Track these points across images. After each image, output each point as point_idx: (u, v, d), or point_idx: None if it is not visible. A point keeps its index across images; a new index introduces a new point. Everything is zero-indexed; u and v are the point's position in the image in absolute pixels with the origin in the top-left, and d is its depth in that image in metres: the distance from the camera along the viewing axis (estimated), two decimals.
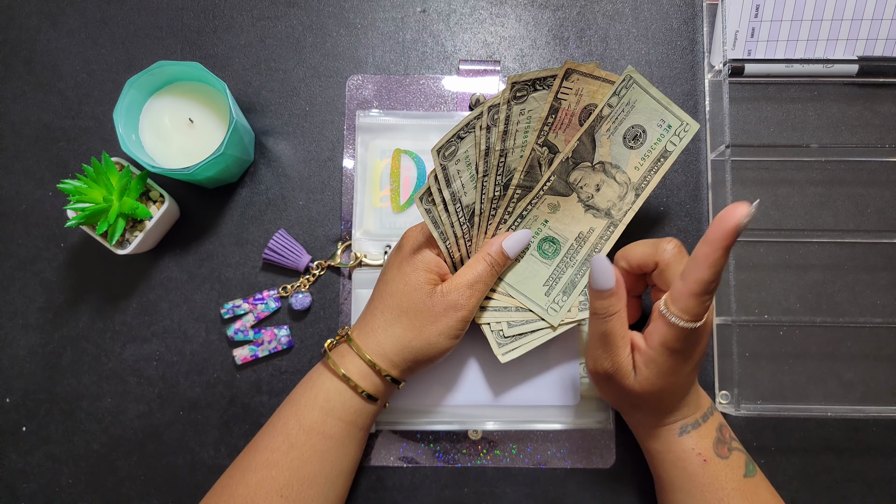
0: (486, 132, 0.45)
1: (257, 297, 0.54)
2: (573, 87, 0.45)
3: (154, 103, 0.51)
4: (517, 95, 0.45)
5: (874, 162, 0.55)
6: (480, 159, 0.45)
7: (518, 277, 0.49)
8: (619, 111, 0.47)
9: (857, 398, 0.53)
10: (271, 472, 0.43)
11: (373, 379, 0.45)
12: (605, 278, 0.41)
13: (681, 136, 0.47)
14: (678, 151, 0.47)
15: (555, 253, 0.49)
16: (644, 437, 0.47)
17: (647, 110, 0.47)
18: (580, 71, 0.45)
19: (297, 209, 0.55)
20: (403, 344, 0.45)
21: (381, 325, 0.45)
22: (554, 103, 0.46)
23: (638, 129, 0.47)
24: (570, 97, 0.46)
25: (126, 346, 0.54)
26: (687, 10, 0.57)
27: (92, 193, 0.48)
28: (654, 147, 0.47)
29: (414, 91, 0.56)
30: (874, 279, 0.54)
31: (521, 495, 0.52)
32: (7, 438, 0.53)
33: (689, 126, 0.47)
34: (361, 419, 0.46)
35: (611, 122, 0.47)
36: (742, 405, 0.51)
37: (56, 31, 0.57)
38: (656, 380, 0.41)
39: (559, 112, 0.46)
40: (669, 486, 0.45)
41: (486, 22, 0.58)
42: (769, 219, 0.55)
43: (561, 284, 0.49)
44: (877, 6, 0.54)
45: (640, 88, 0.46)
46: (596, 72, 0.45)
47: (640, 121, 0.47)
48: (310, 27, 0.57)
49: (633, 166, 0.48)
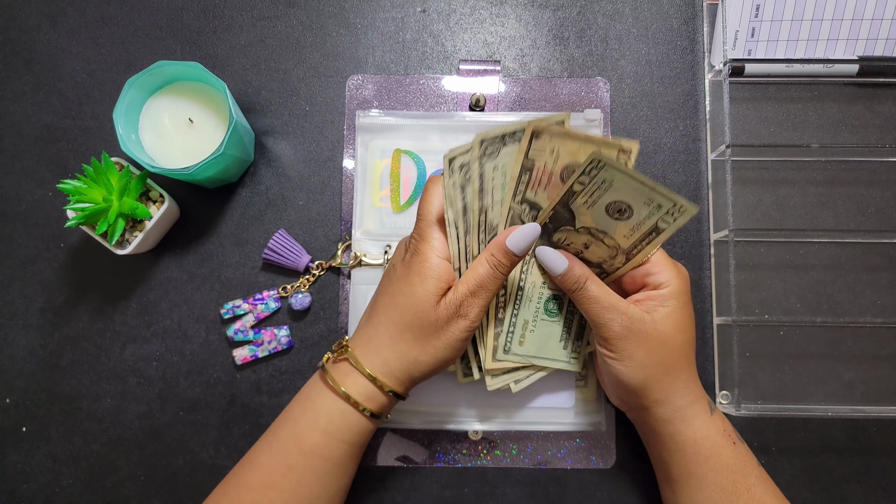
0: (462, 191, 0.41)
1: (257, 298, 0.54)
2: (546, 147, 0.41)
3: (154, 103, 0.51)
4: (487, 152, 0.41)
5: (874, 162, 0.55)
6: (459, 217, 0.42)
7: (537, 346, 0.47)
8: (594, 187, 0.40)
9: (857, 398, 0.53)
10: (268, 493, 0.42)
11: (377, 397, 0.43)
12: (558, 263, 0.44)
13: (675, 217, 0.40)
14: (674, 229, 0.41)
15: (559, 307, 0.47)
16: (661, 420, 0.44)
17: (627, 189, 0.39)
18: (550, 131, 0.40)
19: (297, 209, 0.55)
20: (410, 360, 0.43)
21: (386, 341, 0.43)
22: (525, 163, 0.41)
23: (622, 205, 0.40)
24: (545, 156, 0.41)
25: (126, 347, 0.54)
26: (687, 10, 0.57)
27: (92, 193, 0.48)
28: (644, 222, 0.41)
29: (414, 91, 0.56)
30: (874, 279, 0.54)
31: (521, 495, 0.52)
32: (7, 438, 0.53)
33: (685, 209, 0.39)
34: (364, 439, 0.44)
35: (587, 196, 0.41)
36: (742, 405, 0.51)
37: (56, 31, 0.57)
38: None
39: (534, 170, 0.42)
40: (688, 476, 0.44)
41: (486, 22, 0.58)
42: (769, 219, 0.55)
43: (574, 332, 0.48)
44: (877, 6, 0.54)
45: (615, 170, 0.39)
46: (571, 132, 0.40)
47: (623, 198, 0.40)
48: (310, 27, 0.57)
49: (621, 234, 0.42)
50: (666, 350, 0.43)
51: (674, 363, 0.43)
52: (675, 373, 0.44)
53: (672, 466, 0.45)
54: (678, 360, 0.44)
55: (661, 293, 0.43)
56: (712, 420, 0.44)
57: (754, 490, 0.43)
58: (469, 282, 0.42)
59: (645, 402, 0.45)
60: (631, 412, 0.48)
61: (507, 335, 0.47)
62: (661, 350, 0.43)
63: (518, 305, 0.47)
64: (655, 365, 0.43)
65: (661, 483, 0.47)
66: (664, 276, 0.43)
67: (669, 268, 0.44)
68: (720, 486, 0.43)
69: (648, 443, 0.48)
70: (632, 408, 0.47)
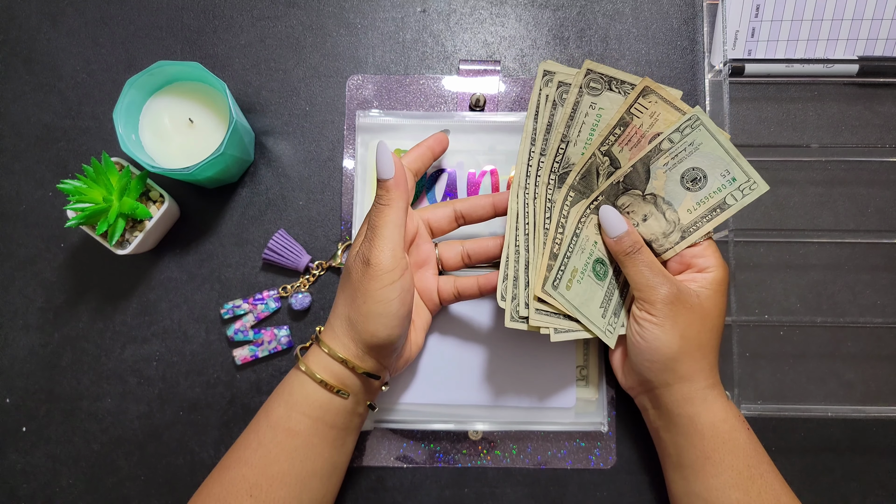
0: (552, 107, 0.42)
1: (257, 298, 0.54)
2: (649, 108, 0.42)
3: (154, 103, 0.51)
4: (591, 86, 0.42)
5: (874, 162, 0.55)
6: (540, 133, 0.43)
7: (581, 299, 0.46)
8: (681, 149, 0.43)
9: (857, 398, 0.53)
10: (242, 469, 0.42)
11: (334, 368, 0.43)
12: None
13: (744, 193, 0.43)
14: (739, 206, 0.43)
15: (605, 274, 0.47)
16: (682, 399, 0.44)
17: (711, 156, 0.43)
18: (659, 94, 0.42)
19: (297, 209, 0.55)
20: (346, 322, 0.43)
21: (333, 310, 0.45)
22: (626, 116, 0.43)
23: (699, 173, 0.43)
24: (644, 117, 0.43)
25: (126, 347, 0.54)
26: (687, 10, 0.57)
27: (92, 193, 0.48)
28: (713, 195, 0.44)
29: (414, 91, 0.56)
30: (874, 279, 0.54)
31: (521, 496, 0.52)
32: (7, 438, 0.53)
33: (757, 186, 0.42)
34: (330, 416, 0.44)
35: (669, 157, 0.43)
36: (742, 405, 0.51)
37: (56, 31, 0.57)
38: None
39: (629, 127, 0.43)
40: (704, 460, 0.43)
41: (486, 22, 0.58)
42: (769, 219, 0.55)
43: (612, 306, 0.47)
44: (877, 6, 0.54)
45: (708, 132, 0.42)
46: (677, 102, 0.42)
47: (703, 165, 0.43)
48: (310, 27, 0.57)
49: (685, 208, 0.44)
50: (706, 326, 0.44)
51: (707, 342, 0.44)
52: (706, 352, 0.44)
53: (687, 451, 0.44)
54: (711, 341, 0.44)
55: (707, 276, 0.44)
56: (730, 404, 0.45)
57: (767, 476, 0.43)
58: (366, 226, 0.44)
59: (669, 378, 0.44)
60: (647, 392, 0.47)
61: (559, 271, 0.45)
62: (701, 325, 0.43)
63: (572, 249, 0.46)
64: (692, 337, 0.43)
65: (671, 472, 0.46)
66: (712, 260, 0.45)
67: (717, 255, 0.45)
68: (736, 469, 0.43)
69: (661, 427, 0.46)
70: (652, 385, 0.45)
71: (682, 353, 0.43)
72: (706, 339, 0.44)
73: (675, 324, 0.43)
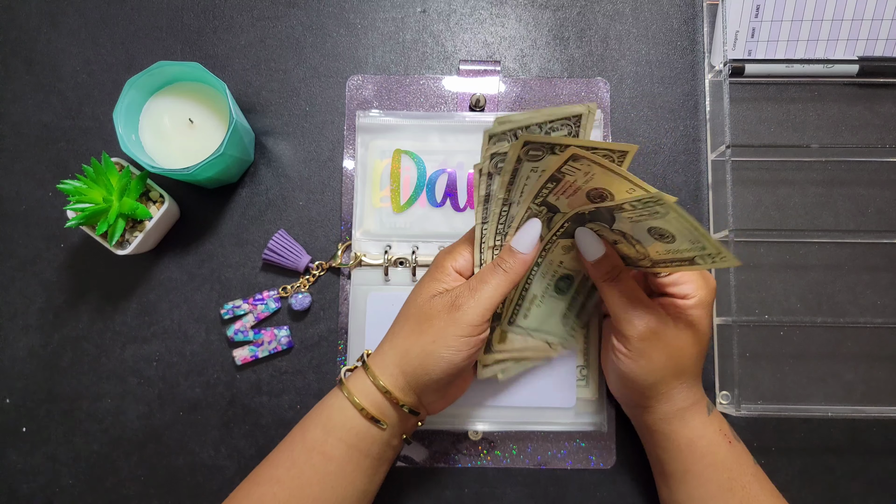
0: (488, 178, 0.41)
1: (257, 298, 0.54)
2: (581, 168, 0.39)
3: (154, 103, 0.51)
4: (531, 153, 0.39)
5: (874, 162, 0.55)
6: (479, 205, 0.42)
7: (539, 320, 0.48)
8: (645, 213, 0.39)
9: (857, 398, 0.53)
10: (273, 487, 0.42)
11: (375, 397, 0.42)
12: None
13: (714, 261, 0.39)
14: (708, 268, 0.41)
15: (569, 287, 0.48)
16: (659, 419, 0.45)
17: (677, 226, 0.38)
18: (590, 158, 0.38)
19: (297, 209, 0.55)
20: (402, 353, 0.42)
21: (388, 338, 0.44)
22: (556, 174, 0.40)
23: (667, 232, 0.39)
24: (578, 175, 0.40)
25: (126, 347, 0.54)
26: (687, 10, 0.57)
27: (92, 194, 0.48)
28: (683, 252, 0.40)
29: (414, 91, 0.56)
30: (874, 279, 0.54)
31: (521, 496, 0.52)
32: (7, 438, 0.53)
33: (727, 259, 0.38)
34: (365, 444, 0.43)
35: (634, 215, 0.40)
36: (742, 405, 0.51)
37: (56, 32, 0.57)
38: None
39: (562, 182, 0.41)
40: (684, 473, 0.44)
41: (486, 22, 0.58)
42: (769, 219, 0.55)
43: (575, 311, 0.49)
44: (877, 6, 0.54)
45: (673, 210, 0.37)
46: (610, 165, 0.38)
47: (670, 230, 0.39)
48: (310, 27, 0.57)
49: (655, 251, 0.42)
50: (682, 357, 0.43)
51: (686, 368, 0.44)
52: (684, 378, 0.44)
53: (668, 464, 0.45)
54: (689, 367, 0.44)
55: (687, 303, 0.43)
56: (709, 420, 0.45)
57: (750, 487, 0.43)
58: (472, 278, 0.43)
59: (647, 402, 0.45)
60: (631, 409, 0.48)
61: (515, 307, 0.47)
62: (677, 356, 0.43)
63: (531, 279, 0.47)
64: (668, 368, 0.43)
65: (658, 479, 0.48)
66: (690, 287, 0.44)
67: (696, 278, 0.44)
68: (716, 482, 0.43)
69: (645, 440, 0.48)
70: (633, 405, 0.47)
71: (659, 382, 0.44)
72: (685, 367, 0.44)
73: (651, 359, 0.43)
